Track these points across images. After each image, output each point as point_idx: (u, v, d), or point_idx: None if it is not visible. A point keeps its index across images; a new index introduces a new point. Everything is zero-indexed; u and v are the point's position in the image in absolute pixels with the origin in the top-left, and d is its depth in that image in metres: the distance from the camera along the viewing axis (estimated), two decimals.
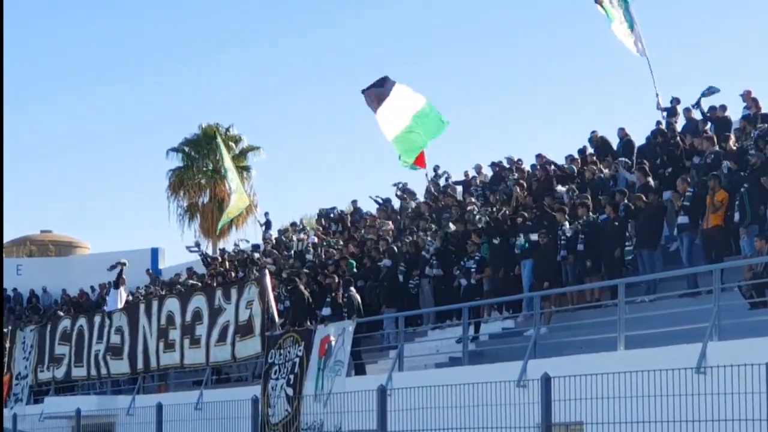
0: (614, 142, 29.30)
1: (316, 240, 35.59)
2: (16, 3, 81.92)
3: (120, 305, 33.21)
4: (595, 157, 28.69)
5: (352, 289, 26.64)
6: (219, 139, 45.71)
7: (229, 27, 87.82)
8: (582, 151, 29.64)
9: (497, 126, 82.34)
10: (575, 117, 79.35)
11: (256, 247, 39.26)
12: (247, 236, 52.93)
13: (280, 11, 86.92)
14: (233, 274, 35.90)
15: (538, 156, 30.91)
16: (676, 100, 28.68)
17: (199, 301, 28.62)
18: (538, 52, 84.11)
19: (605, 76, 79.66)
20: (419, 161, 31.46)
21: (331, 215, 38.71)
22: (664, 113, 28.73)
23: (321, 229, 37.76)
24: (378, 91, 30.81)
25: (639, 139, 28.58)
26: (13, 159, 78.54)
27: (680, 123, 28.09)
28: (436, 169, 34.70)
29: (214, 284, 33.02)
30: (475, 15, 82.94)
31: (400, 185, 35.33)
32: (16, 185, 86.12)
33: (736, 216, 21.40)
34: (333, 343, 23.70)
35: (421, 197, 34.43)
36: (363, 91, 31.22)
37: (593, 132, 29.99)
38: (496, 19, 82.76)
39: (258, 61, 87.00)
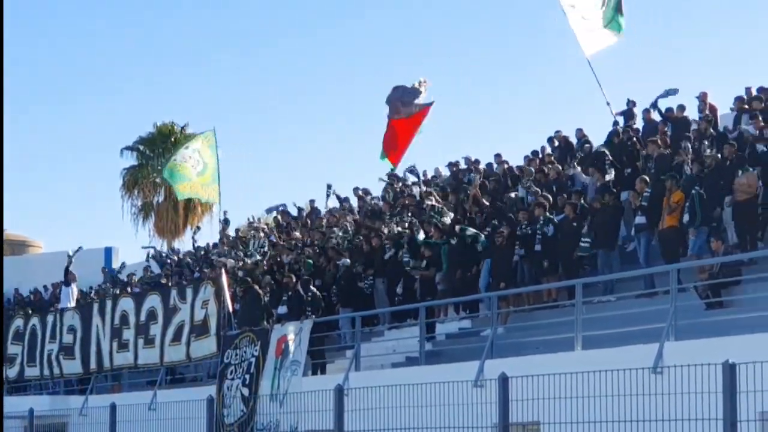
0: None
1: (274, 238, 35.43)
2: None
3: (72, 302, 32.97)
4: (553, 157, 28.72)
5: (313, 288, 26.52)
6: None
7: (184, 25, 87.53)
8: (539, 152, 29.64)
9: (457, 126, 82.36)
10: (536, 118, 79.50)
11: (215, 245, 39.01)
12: (202, 236, 52.78)
13: (235, 10, 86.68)
14: (190, 273, 35.70)
15: (497, 156, 30.91)
16: (632, 102, 28.74)
17: (153, 301, 28.45)
18: (502, 53, 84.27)
19: (567, 76, 79.84)
20: (393, 159, 31.81)
21: (286, 212, 38.65)
22: (620, 116, 28.79)
23: (278, 227, 37.59)
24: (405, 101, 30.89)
25: (599, 140, 28.64)
26: None
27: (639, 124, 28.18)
28: (412, 169, 34.56)
29: (170, 283, 32.83)
30: (443, 16, 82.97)
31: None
32: None
33: (686, 217, 21.45)
34: (290, 342, 23.62)
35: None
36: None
37: (557, 131, 30.02)
38: (466, 20, 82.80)
39: (213, 59, 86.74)
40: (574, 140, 29.31)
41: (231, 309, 26.90)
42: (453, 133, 77.71)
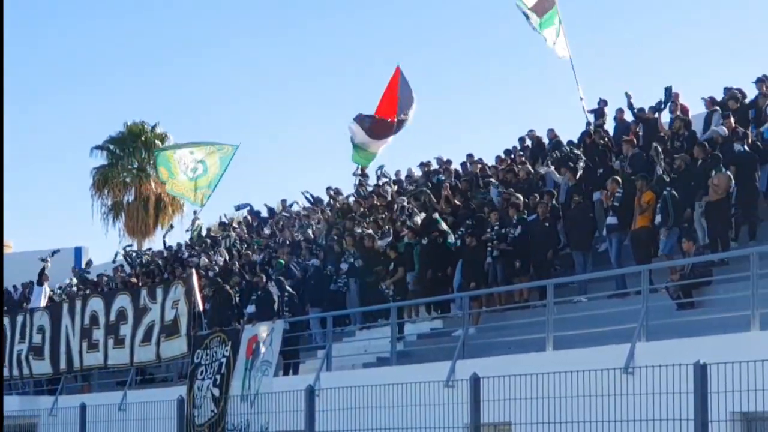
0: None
1: (245, 237, 35.34)
2: None
3: (44, 301, 32.80)
4: (523, 158, 28.75)
5: (289, 288, 26.45)
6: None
7: (154, 26, 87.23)
8: (510, 152, 29.67)
9: (429, 127, 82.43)
10: (508, 118, 79.54)
11: (187, 245, 38.87)
12: (173, 235, 52.63)
13: (203, 11, 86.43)
14: (160, 273, 35.53)
15: (468, 156, 30.90)
16: (603, 102, 28.78)
17: (123, 301, 28.34)
18: (470, 53, 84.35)
19: (538, 76, 79.97)
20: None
21: (252, 212, 38.64)
22: (591, 115, 28.86)
23: (248, 227, 37.48)
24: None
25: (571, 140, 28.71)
26: None
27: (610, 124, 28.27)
28: (380, 169, 34.62)
29: (140, 283, 32.68)
30: (409, 15, 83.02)
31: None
32: None
33: (657, 217, 21.48)
34: (261, 343, 23.56)
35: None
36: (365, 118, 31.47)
37: (530, 131, 30.04)
38: (443, 18, 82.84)
39: (183, 60, 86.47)
40: (546, 140, 29.34)
41: (201, 309, 26.81)
42: (429, 133, 77.69)
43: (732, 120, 23.30)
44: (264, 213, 38.88)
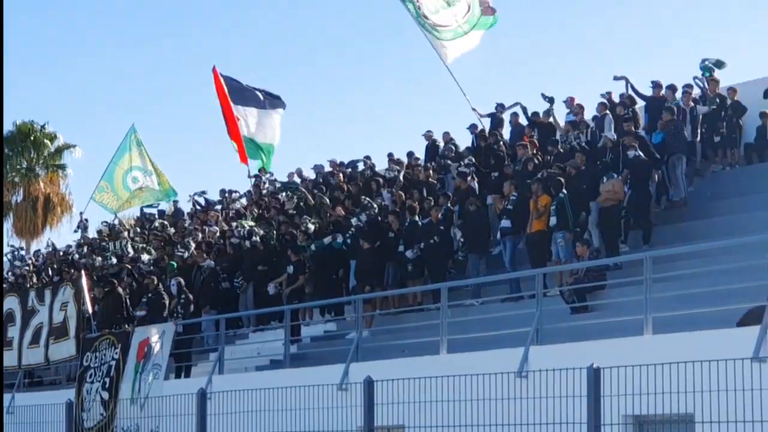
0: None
1: (137, 239, 34.95)
2: None
3: None
4: (418, 161, 28.80)
5: (186, 289, 26.16)
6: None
7: (45, 24, 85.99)
8: (410, 155, 29.74)
9: (327, 128, 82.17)
10: (406, 120, 79.43)
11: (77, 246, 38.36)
12: (61, 236, 51.98)
13: (96, 8, 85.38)
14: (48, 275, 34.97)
15: (366, 158, 30.85)
16: (500, 106, 28.93)
17: (11, 303, 27.95)
18: (369, 55, 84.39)
19: (434, 78, 79.83)
20: (243, 158, 32.81)
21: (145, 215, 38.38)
22: (487, 118, 29.02)
23: (139, 229, 37.05)
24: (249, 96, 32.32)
25: (466, 143, 28.88)
26: None
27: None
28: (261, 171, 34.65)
29: (28, 285, 32.16)
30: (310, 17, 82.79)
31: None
32: None
33: (553, 220, 21.57)
34: (152, 345, 23.30)
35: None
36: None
37: (428, 131, 30.07)
38: (335, 20, 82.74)
39: (72, 59, 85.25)
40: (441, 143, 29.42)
41: (91, 311, 26.44)
42: (326, 137, 77.52)
43: (626, 125, 23.48)
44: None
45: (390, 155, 29.79)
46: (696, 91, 24.94)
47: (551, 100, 26.56)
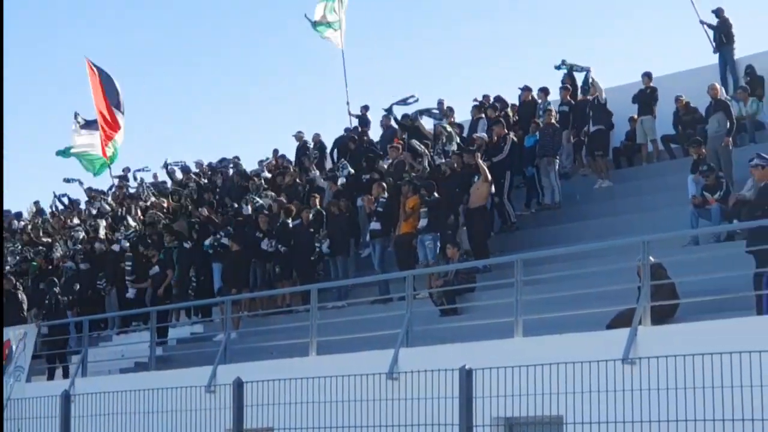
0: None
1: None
2: None
3: None
4: (285, 163, 28.76)
5: (56, 290, 25.63)
6: None
7: None
8: (284, 155, 29.66)
9: (190, 128, 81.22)
10: (274, 118, 78.69)
11: None
12: None
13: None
14: None
15: (235, 157, 30.66)
16: (365, 108, 29.12)
17: None
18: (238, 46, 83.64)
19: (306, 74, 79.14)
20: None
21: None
22: (356, 118, 29.13)
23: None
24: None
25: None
26: None
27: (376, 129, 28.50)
28: (125, 170, 34.17)
29: None
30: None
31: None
32: None
33: (423, 222, 21.58)
34: (14, 347, 22.85)
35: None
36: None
37: (299, 132, 29.94)
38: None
39: None
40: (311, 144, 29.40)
41: None
42: (198, 134, 76.39)
43: (499, 127, 23.62)
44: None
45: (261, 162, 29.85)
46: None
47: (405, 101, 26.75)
